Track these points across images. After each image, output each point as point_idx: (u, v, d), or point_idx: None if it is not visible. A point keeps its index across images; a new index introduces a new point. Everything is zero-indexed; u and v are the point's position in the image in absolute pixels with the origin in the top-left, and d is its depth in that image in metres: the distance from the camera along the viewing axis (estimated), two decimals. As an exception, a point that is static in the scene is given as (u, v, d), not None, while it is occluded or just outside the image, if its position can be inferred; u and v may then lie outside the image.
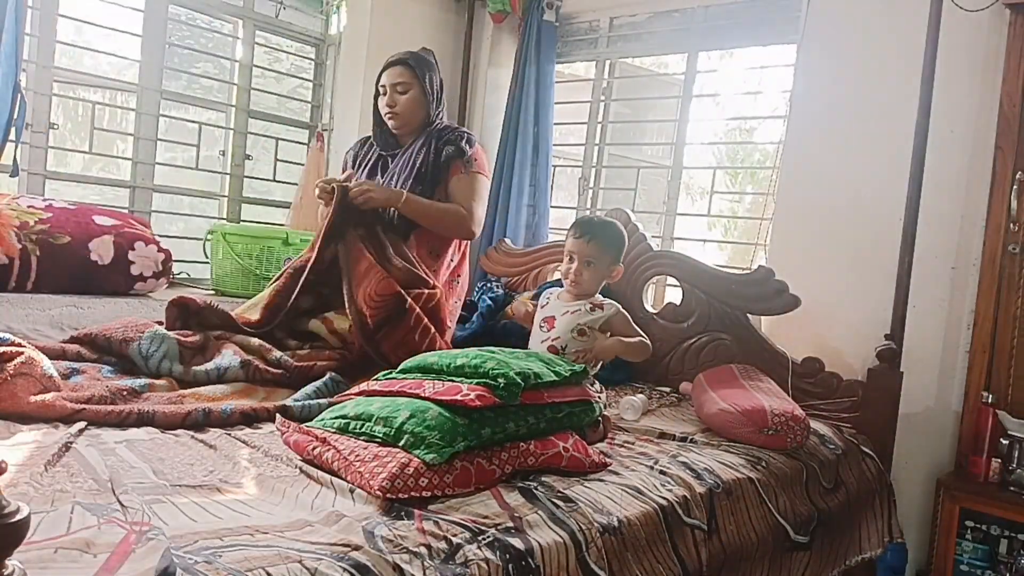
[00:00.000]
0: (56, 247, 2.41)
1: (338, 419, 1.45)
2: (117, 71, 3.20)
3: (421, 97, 2.39)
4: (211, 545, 0.99)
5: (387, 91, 2.40)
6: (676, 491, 1.51)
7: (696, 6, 3.14)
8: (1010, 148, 2.29)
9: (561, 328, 1.98)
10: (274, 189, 3.59)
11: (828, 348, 2.51)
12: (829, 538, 1.90)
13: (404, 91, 2.38)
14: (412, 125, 2.41)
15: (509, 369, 1.45)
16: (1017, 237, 2.28)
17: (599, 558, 1.25)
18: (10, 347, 1.53)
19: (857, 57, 2.61)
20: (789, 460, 1.86)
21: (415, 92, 2.38)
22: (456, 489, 1.28)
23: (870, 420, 2.24)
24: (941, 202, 2.39)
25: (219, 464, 1.33)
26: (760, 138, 4.67)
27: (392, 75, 2.39)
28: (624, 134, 3.83)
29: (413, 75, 2.38)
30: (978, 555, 2.24)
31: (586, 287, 2.01)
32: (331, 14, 3.52)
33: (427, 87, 2.39)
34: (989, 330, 2.32)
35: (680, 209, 3.34)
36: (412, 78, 2.38)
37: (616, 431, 1.88)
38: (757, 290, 2.46)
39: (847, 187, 2.61)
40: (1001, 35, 2.33)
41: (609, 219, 2.14)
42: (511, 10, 3.45)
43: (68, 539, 0.95)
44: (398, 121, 2.40)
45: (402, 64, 2.39)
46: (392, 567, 1.01)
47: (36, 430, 1.40)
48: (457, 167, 2.36)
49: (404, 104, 2.38)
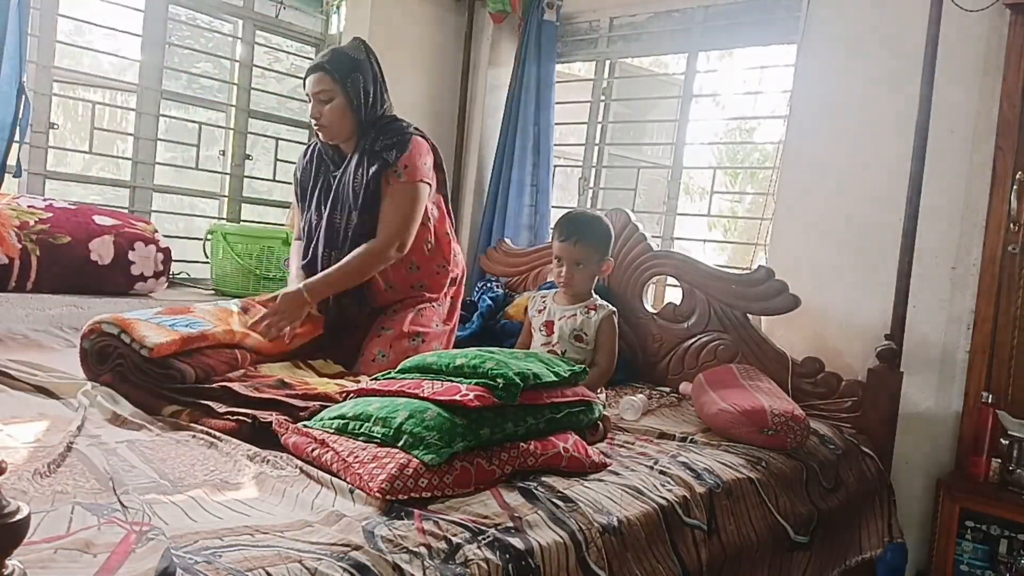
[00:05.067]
0: (56, 247, 2.41)
1: (336, 419, 1.45)
2: (117, 71, 3.20)
3: (346, 105, 2.15)
4: (211, 545, 0.99)
5: (311, 100, 2.18)
6: (676, 491, 1.51)
7: (696, 6, 3.14)
8: (1010, 148, 2.29)
9: (560, 333, 1.99)
10: (274, 189, 3.59)
11: (828, 348, 2.51)
12: (829, 538, 1.90)
13: (327, 99, 2.15)
14: (343, 135, 2.21)
15: (508, 369, 1.45)
16: (1017, 237, 2.28)
17: (599, 558, 1.25)
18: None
19: (857, 57, 2.60)
20: (789, 460, 1.86)
21: (339, 100, 2.14)
22: (456, 490, 1.28)
23: (870, 420, 2.24)
24: (941, 202, 2.39)
25: (219, 464, 1.33)
26: (760, 138, 4.67)
27: (312, 83, 2.16)
28: (624, 134, 3.83)
29: (333, 81, 2.13)
30: (978, 555, 2.24)
31: (578, 287, 2.02)
32: (331, 14, 3.53)
33: (351, 94, 2.14)
34: (989, 330, 2.32)
35: (680, 209, 3.34)
36: (333, 84, 2.13)
37: (616, 431, 1.88)
38: (757, 290, 2.46)
39: (847, 187, 2.61)
40: (1001, 35, 2.33)
41: (592, 214, 2.15)
42: (511, 10, 3.45)
43: (68, 539, 0.95)
44: (326, 134, 2.20)
45: (320, 70, 2.15)
46: (392, 567, 1.01)
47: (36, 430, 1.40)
48: (388, 180, 2.15)
49: (328, 115, 2.15)
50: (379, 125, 2.20)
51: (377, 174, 2.13)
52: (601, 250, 2.02)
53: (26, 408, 1.55)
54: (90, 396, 1.63)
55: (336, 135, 2.21)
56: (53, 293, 2.41)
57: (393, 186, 2.14)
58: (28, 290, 2.37)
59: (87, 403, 1.59)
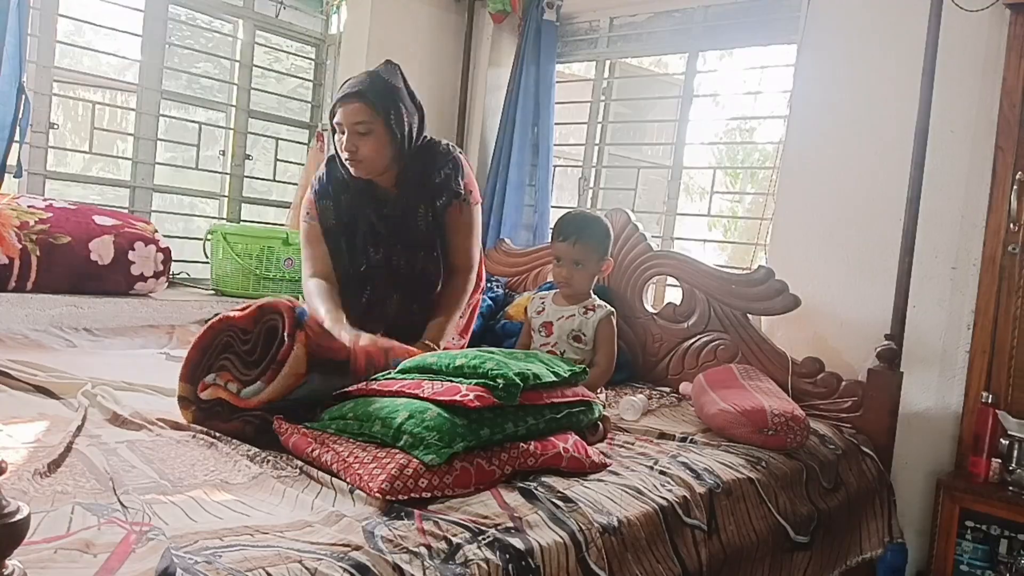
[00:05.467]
0: (56, 247, 2.41)
1: (336, 420, 1.45)
2: (117, 71, 3.20)
3: (386, 138, 1.95)
4: (211, 545, 0.99)
5: (344, 131, 1.94)
6: (676, 491, 1.51)
7: (696, 6, 3.14)
8: (1010, 148, 2.29)
9: (558, 334, 1.99)
10: (274, 189, 3.59)
11: (828, 348, 2.51)
12: (829, 538, 1.90)
13: (365, 132, 1.92)
14: (379, 169, 2.00)
15: (508, 370, 1.45)
16: (1017, 237, 2.28)
17: (599, 558, 1.25)
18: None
19: (857, 57, 2.60)
20: (789, 460, 1.86)
21: (380, 133, 1.93)
22: (456, 490, 1.28)
23: (870, 420, 2.24)
24: (941, 202, 2.39)
25: (219, 464, 1.33)
26: (760, 138, 4.67)
27: (348, 114, 1.92)
28: (624, 134, 3.83)
29: (375, 114, 1.92)
30: (978, 555, 2.24)
31: (578, 288, 2.02)
32: (331, 14, 3.53)
33: (394, 128, 1.94)
34: (989, 330, 2.32)
35: (680, 209, 3.34)
36: (374, 117, 1.92)
37: (616, 431, 1.88)
38: (757, 290, 2.46)
39: (847, 187, 2.61)
40: (1001, 35, 2.33)
41: (591, 214, 2.15)
42: (511, 10, 3.45)
43: (68, 539, 0.95)
44: (361, 169, 1.97)
45: (359, 99, 1.92)
46: (392, 567, 1.01)
47: (36, 430, 1.40)
48: (454, 209, 2.06)
49: (367, 150, 1.94)
50: (414, 150, 2.04)
51: (445, 206, 2.04)
52: (600, 250, 2.02)
53: (26, 408, 1.55)
54: (90, 396, 1.63)
55: (372, 170, 1.99)
56: (53, 293, 2.41)
57: (463, 213, 2.07)
58: (28, 290, 2.37)
59: (87, 403, 1.59)
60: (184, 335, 2.45)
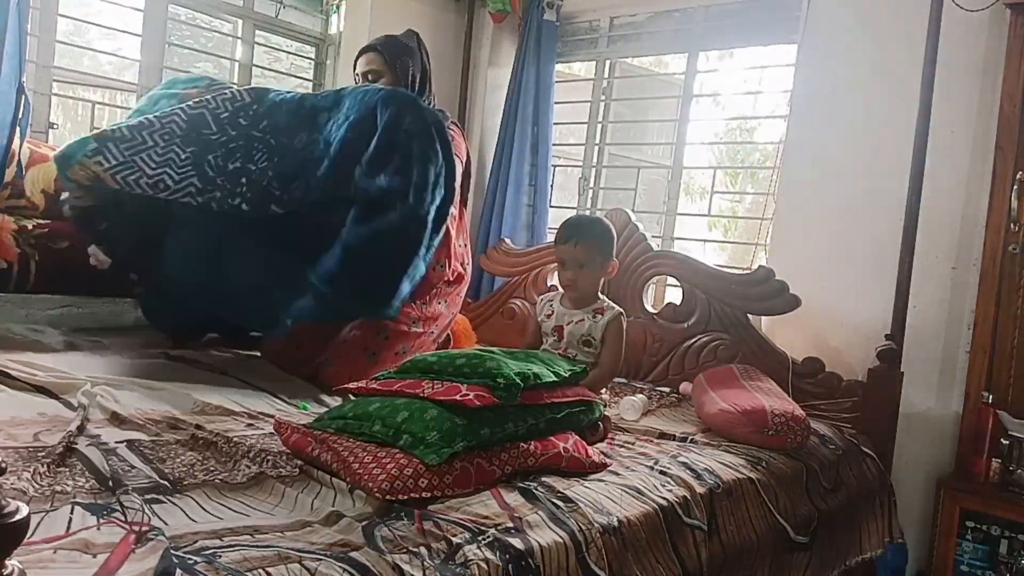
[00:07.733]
0: (55, 251, 2.39)
1: (336, 420, 1.45)
2: (117, 71, 3.20)
3: (393, 85, 2.31)
4: (211, 545, 0.99)
5: (359, 80, 2.36)
6: (676, 491, 1.51)
7: (696, 6, 3.14)
8: (1010, 148, 2.29)
9: (569, 339, 1.99)
10: (274, 189, 3.58)
11: (828, 348, 2.51)
12: (829, 538, 1.90)
13: (375, 79, 2.33)
14: None
15: (508, 369, 1.45)
16: (1017, 237, 2.28)
17: (599, 558, 1.25)
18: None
19: (857, 57, 2.60)
20: (789, 460, 1.86)
21: (387, 80, 2.32)
22: (456, 490, 1.28)
23: (870, 420, 2.24)
24: (941, 202, 2.39)
25: (219, 464, 1.33)
26: (760, 138, 4.67)
27: (363, 63, 2.36)
28: (624, 134, 3.83)
29: (383, 61, 2.33)
30: (978, 555, 2.24)
31: (583, 290, 2.02)
32: (331, 14, 3.53)
33: (399, 75, 2.33)
34: (989, 330, 2.32)
35: (680, 209, 3.34)
36: (383, 65, 2.33)
37: (616, 431, 1.88)
38: (757, 290, 2.45)
39: (847, 187, 2.60)
40: (1001, 35, 2.33)
41: (594, 216, 2.15)
42: (511, 9, 3.45)
43: (68, 539, 0.95)
44: None
45: (371, 51, 2.35)
46: (392, 567, 1.01)
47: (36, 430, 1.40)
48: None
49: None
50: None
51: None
52: (603, 251, 2.01)
53: (26, 408, 1.55)
54: (90, 396, 1.62)
55: None
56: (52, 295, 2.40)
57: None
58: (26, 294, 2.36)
59: (87, 403, 1.59)
60: (184, 335, 2.44)
